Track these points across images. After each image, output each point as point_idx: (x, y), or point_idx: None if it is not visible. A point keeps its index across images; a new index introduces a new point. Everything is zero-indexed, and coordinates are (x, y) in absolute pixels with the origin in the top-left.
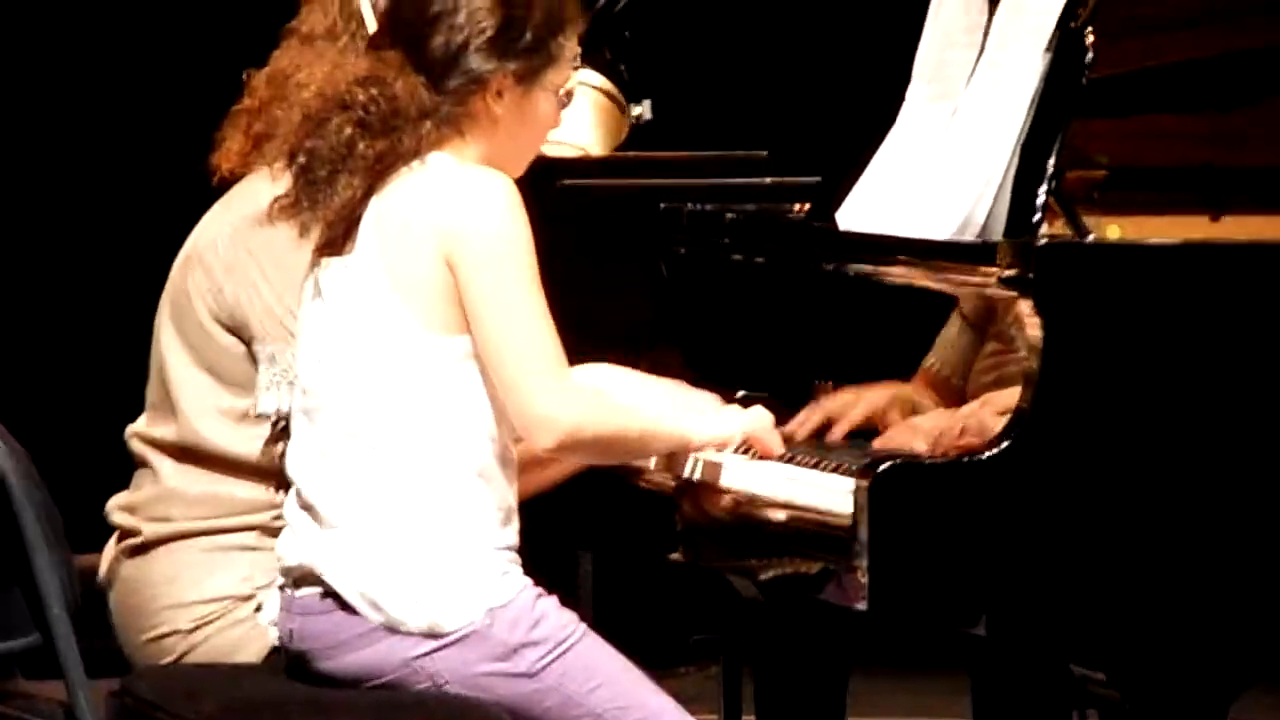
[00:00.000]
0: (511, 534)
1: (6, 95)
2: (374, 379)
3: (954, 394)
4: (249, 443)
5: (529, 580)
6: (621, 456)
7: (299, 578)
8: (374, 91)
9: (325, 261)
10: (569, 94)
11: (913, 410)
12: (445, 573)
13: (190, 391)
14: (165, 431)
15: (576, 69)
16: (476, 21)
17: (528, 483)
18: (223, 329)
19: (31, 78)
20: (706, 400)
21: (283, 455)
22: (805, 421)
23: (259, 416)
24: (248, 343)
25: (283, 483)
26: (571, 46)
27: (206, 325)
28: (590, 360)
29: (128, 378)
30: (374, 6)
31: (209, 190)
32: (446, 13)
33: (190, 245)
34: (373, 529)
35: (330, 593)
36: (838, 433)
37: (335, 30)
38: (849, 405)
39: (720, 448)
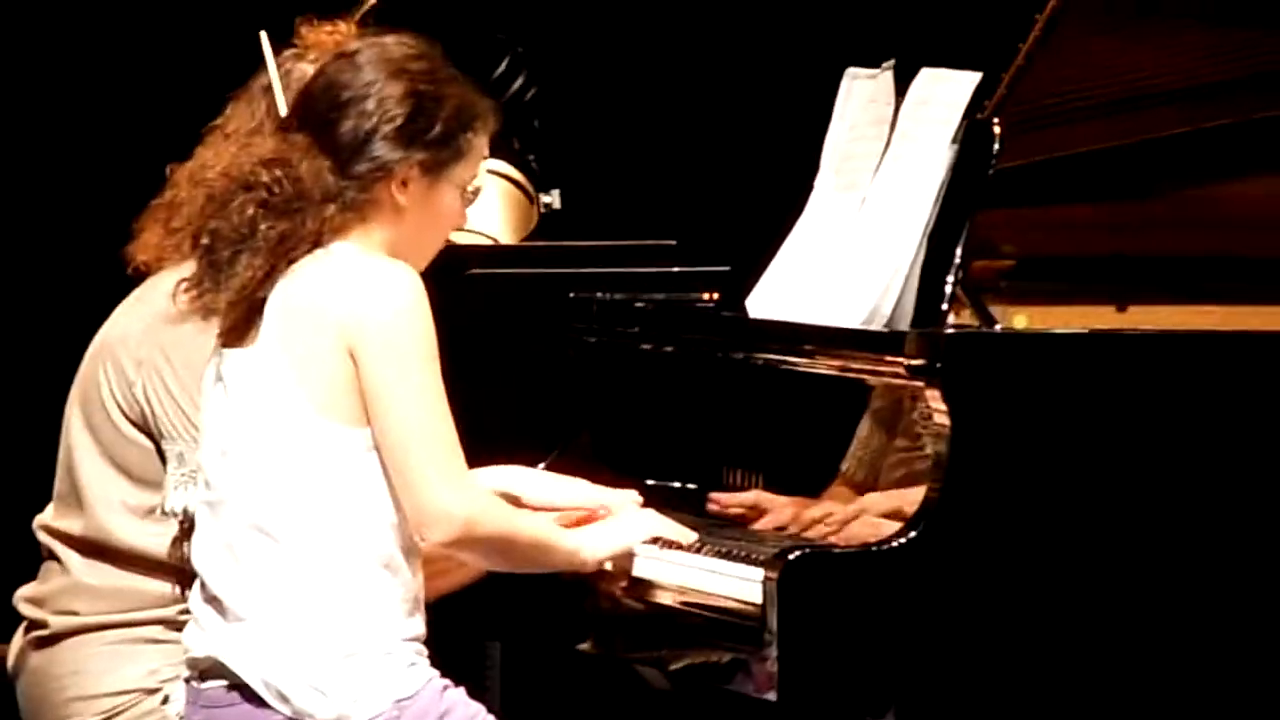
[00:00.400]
0: (418, 624)
1: None
2: (277, 471)
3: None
4: (156, 539)
5: (436, 672)
6: (513, 562)
7: (205, 670)
8: (279, 173)
9: (226, 352)
10: (475, 191)
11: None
12: (352, 664)
13: (98, 486)
14: (72, 525)
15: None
16: (386, 110)
17: (436, 585)
18: (131, 425)
19: None
20: (613, 498)
21: (190, 552)
22: (738, 501)
23: (166, 514)
24: (156, 440)
25: (190, 579)
26: (481, 144)
27: (115, 420)
28: (497, 452)
29: (35, 466)
30: (285, 90)
31: (124, 280)
32: (357, 99)
33: (102, 338)
34: (278, 621)
35: (237, 685)
36: (764, 523)
37: (261, 130)
38: (782, 504)
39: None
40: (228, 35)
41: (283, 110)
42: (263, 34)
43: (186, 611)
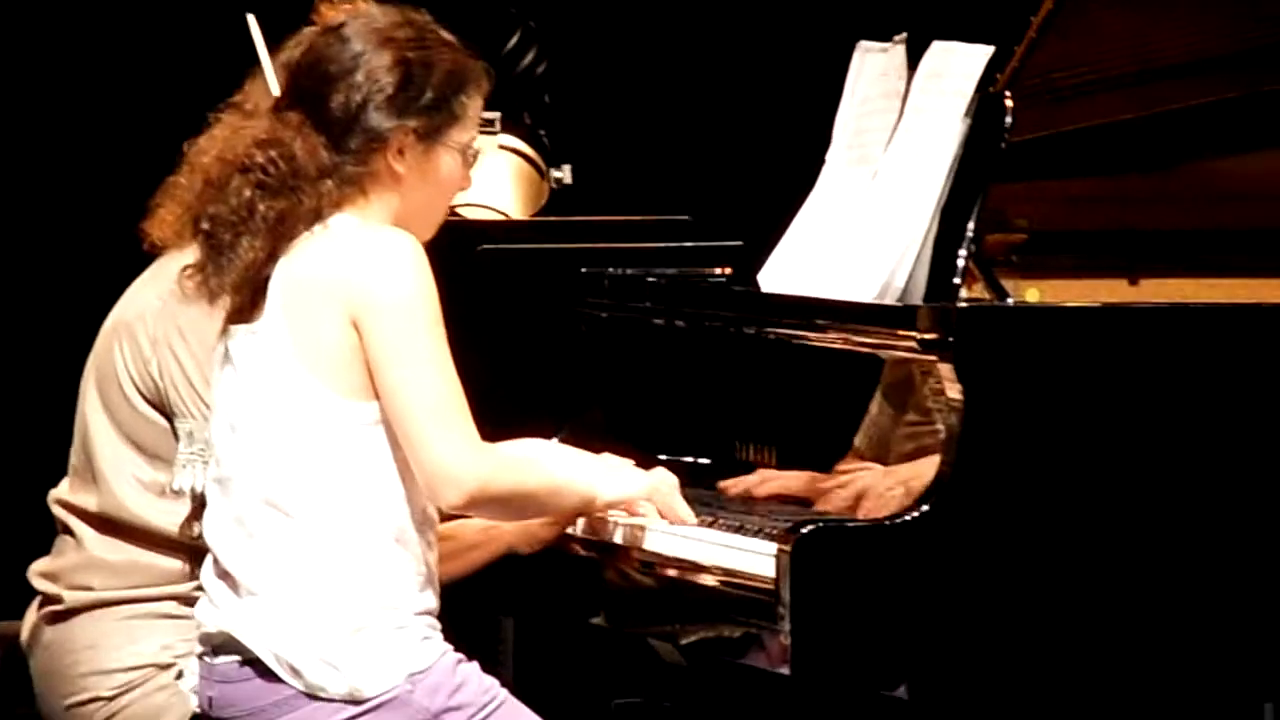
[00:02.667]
0: (431, 598)
1: None
2: (285, 446)
3: None
4: (170, 517)
5: (450, 646)
6: (529, 514)
7: (218, 645)
8: (273, 153)
9: (233, 330)
10: (475, 153)
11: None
12: (365, 638)
13: (112, 462)
14: (88, 501)
15: (491, 131)
16: (375, 80)
17: (454, 565)
18: (146, 402)
19: None
20: (626, 466)
21: (201, 530)
22: (739, 482)
23: (175, 493)
24: (169, 418)
25: (202, 557)
26: (475, 105)
27: (130, 397)
28: (508, 427)
29: (48, 440)
30: (276, 71)
31: (139, 254)
32: (345, 72)
33: (117, 315)
34: (290, 595)
35: (249, 659)
36: (766, 490)
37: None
38: (787, 477)
39: (627, 506)
40: (257, 6)
41: (275, 91)
42: (250, 17)
43: (200, 588)
